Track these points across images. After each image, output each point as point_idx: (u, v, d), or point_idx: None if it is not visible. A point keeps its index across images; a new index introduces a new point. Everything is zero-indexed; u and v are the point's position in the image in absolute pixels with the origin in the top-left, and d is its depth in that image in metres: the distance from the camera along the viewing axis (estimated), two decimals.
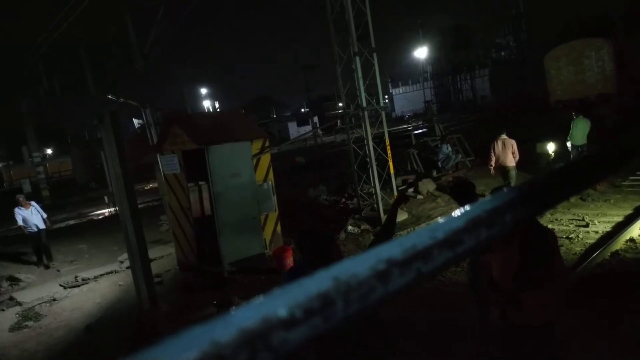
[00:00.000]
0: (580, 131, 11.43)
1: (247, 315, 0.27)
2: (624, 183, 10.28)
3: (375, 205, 10.44)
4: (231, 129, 8.76)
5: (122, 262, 10.08)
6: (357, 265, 0.31)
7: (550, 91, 17.71)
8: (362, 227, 9.98)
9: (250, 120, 11.01)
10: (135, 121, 30.16)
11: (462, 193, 4.44)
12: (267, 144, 8.88)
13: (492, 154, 10.11)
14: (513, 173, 9.98)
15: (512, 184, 7.66)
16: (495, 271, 3.05)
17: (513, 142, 10.04)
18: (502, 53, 35.13)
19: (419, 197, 11.70)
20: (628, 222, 7.65)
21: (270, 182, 8.85)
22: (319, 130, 29.26)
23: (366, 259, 0.32)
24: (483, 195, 8.01)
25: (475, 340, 4.43)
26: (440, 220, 0.35)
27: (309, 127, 33.71)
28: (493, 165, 10.17)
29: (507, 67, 30.99)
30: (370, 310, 0.32)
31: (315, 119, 35.64)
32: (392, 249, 0.33)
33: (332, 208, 12.27)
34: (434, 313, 5.61)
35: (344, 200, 12.58)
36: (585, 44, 16.94)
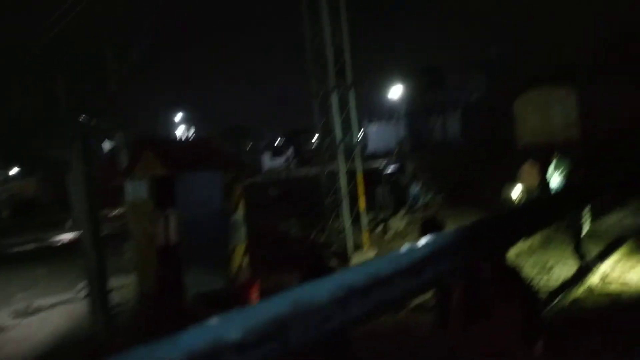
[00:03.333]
0: (560, 168, 11.67)
1: (197, 337, 0.25)
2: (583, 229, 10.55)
3: (345, 242, 10.43)
4: (204, 157, 8.69)
5: (80, 290, 9.66)
6: (317, 291, 0.31)
7: (518, 135, 18.34)
8: (331, 262, 9.92)
9: (223, 148, 10.97)
10: (107, 144, 29.63)
11: (430, 231, 4.48)
12: (239, 174, 8.84)
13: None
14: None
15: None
16: (493, 337, 2.74)
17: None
18: (474, 96, 36.41)
19: (388, 235, 11.76)
20: (587, 269, 7.82)
21: (240, 213, 8.75)
22: (292, 163, 29.35)
23: (326, 285, 0.31)
24: None
25: None
26: (404, 248, 0.34)
27: (283, 159, 33.79)
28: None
29: (478, 110, 32.06)
30: (329, 337, 0.31)
31: (291, 151, 35.77)
32: (354, 276, 0.32)
33: (303, 243, 12.18)
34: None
35: (315, 234, 12.51)
36: (552, 91, 17.74)
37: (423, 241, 0.34)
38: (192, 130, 49.35)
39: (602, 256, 8.38)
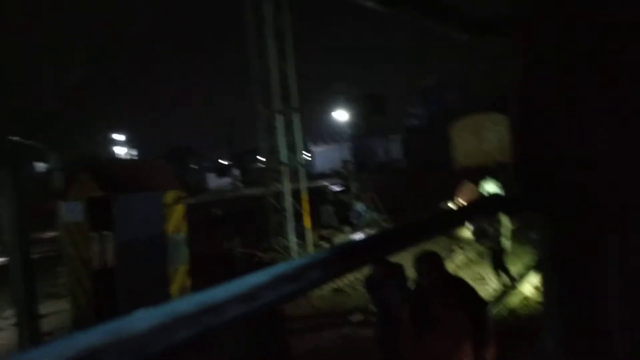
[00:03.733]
0: (491, 189, 12.43)
1: None
2: (516, 242, 11.14)
3: (290, 259, 10.39)
4: (144, 177, 8.45)
5: (7, 318, 8.99)
6: (140, 319, 0.34)
7: (454, 158, 19.17)
8: None
9: (165, 169, 10.72)
10: (40, 165, 28.03)
11: None
12: (181, 194, 8.64)
13: None
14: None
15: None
16: (441, 345, 2.80)
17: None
18: (414, 120, 37.80)
19: None
20: (521, 280, 8.24)
21: (182, 234, 8.54)
22: (237, 183, 29.01)
23: (154, 313, 0.35)
24: None
25: None
26: (245, 277, 0.39)
27: (228, 179, 33.30)
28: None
29: (418, 133, 33.24)
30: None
31: (237, 171, 35.38)
32: (183, 304, 0.36)
33: (247, 262, 12.01)
34: None
35: (259, 253, 12.39)
36: (487, 117, 18.75)
37: (262, 272, 0.38)
38: (134, 152, 47.77)
39: (535, 267, 8.85)
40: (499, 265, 8.00)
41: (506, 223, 7.76)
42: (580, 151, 0.59)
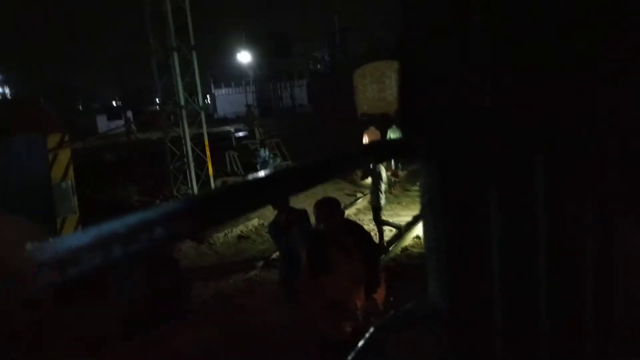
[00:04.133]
0: (394, 136, 13.13)
1: None
2: (413, 188, 11.89)
3: None
4: (20, 119, 7.54)
5: None
6: None
7: (357, 105, 19.55)
8: None
9: (46, 110, 9.65)
10: None
11: None
12: (66, 138, 7.88)
13: None
14: None
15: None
16: (335, 287, 2.91)
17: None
18: (319, 66, 37.63)
19: None
20: (415, 221, 8.85)
21: (70, 181, 7.86)
22: (132, 126, 27.21)
23: None
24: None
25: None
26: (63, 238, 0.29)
27: (121, 122, 31.06)
28: None
29: (323, 79, 33.26)
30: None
31: (130, 113, 33.02)
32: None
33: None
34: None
35: (158, 202, 11.89)
36: (387, 65, 19.14)
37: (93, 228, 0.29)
38: (6, 90, 42.43)
39: None
40: (377, 221, 8.03)
41: (384, 177, 8.00)
42: (471, 98, 0.54)
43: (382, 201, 8.08)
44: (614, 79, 0.51)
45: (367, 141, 13.35)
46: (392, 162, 12.26)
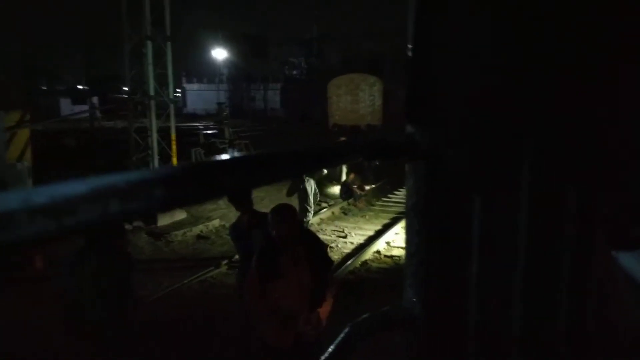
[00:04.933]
0: None
1: None
2: (377, 203, 12.01)
3: None
4: None
5: None
6: None
7: (330, 115, 19.67)
8: (135, 223, 9.31)
9: (6, 85, 9.23)
10: None
11: (237, 197, 4.51)
12: (27, 117, 7.57)
13: None
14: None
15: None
16: (282, 295, 2.92)
17: None
18: (294, 71, 37.69)
19: None
20: (377, 236, 8.93)
21: (26, 163, 7.53)
22: (97, 112, 26.40)
23: None
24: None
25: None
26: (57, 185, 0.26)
27: (85, 107, 30.08)
28: None
29: (297, 85, 33.30)
30: None
31: (95, 99, 32.01)
32: None
33: None
34: (198, 317, 5.53)
35: None
36: (362, 78, 19.37)
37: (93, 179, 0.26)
38: None
39: (390, 225, 9.65)
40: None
41: (311, 192, 7.93)
42: (475, 98, 0.54)
43: (310, 216, 8.04)
44: (609, 79, 0.52)
45: None
46: (357, 175, 12.35)
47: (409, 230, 0.59)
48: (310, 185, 7.84)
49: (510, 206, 0.53)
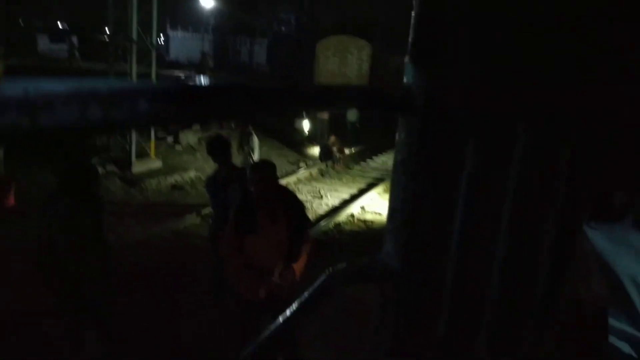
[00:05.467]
0: (353, 111, 13.89)
1: None
2: (355, 167, 12.06)
3: (127, 147, 9.69)
4: None
5: None
6: None
7: (316, 74, 19.39)
8: (108, 168, 9.16)
9: None
10: None
11: (216, 149, 4.45)
12: (1, 50, 7.23)
13: None
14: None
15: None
16: (257, 250, 2.95)
17: None
18: (283, 28, 36.74)
19: (178, 147, 11.38)
20: (352, 200, 9.01)
21: None
22: (76, 53, 25.43)
23: None
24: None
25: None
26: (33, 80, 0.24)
27: (64, 46, 28.86)
28: None
29: (285, 41, 32.54)
30: None
31: (75, 39, 30.71)
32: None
33: (75, 142, 10.86)
34: (172, 265, 5.55)
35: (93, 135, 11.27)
36: (352, 41, 19.05)
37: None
38: None
39: (366, 190, 9.73)
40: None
41: (256, 146, 7.89)
42: (480, 60, 0.53)
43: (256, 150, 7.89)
44: (609, 39, 0.51)
45: (325, 114, 13.84)
46: (338, 138, 12.33)
47: (395, 186, 0.59)
48: (255, 141, 7.80)
49: (501, 168, 0.53)
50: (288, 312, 0.47)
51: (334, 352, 3.57)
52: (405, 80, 0.54)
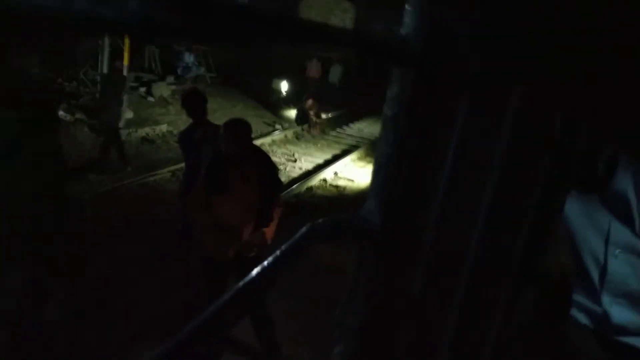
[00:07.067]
0: (335, 72, 15.46)
1: None
2: (331, 133, 12.02)
3: (97, 95, 9.36)
4: None
5: None
6: None
7: None
8: (77, 115, 8.85)
9: None
10: None
11: (192, 104, 4.34)
12: None
13: None
14: None
15: None
16: (227, 210, 2.89)
17: None
18: None
19: (150, 99, 11.05)
20: (325, 165, 9.02)
21: None
22: None
23: None
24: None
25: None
26: None
27: None
28: None
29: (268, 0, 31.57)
30: None
31: None
32: None
33: (44, 86, 10.40)
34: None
35: (60, 80, 10.81)
36: (336, 1, 18.62)
37: None
38: None
39: (340, 156, 9.74)
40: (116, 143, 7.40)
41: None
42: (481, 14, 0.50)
43: (122, 120, 7.40)
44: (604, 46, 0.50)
45: (310, 73, 14.13)
46: (315, 102, 12.20)
47: (383, 142, 0.56)
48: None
49: (493, 130, 0.51)
50: (265, 264, 0.45)
51: (303, 309, 3.62)
52: (402, 30, 0.52)
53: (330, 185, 8.04)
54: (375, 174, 0.57)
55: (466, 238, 0.55)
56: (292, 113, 12.79)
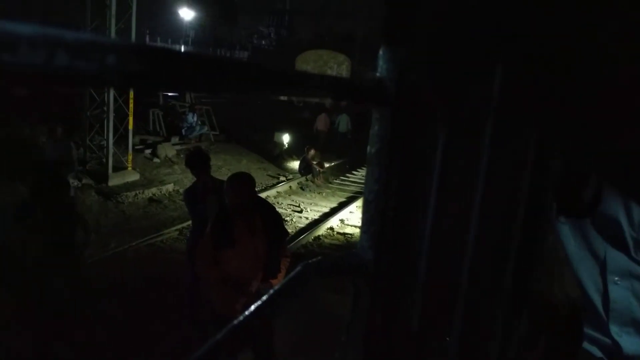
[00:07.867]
0: (343, 122, 16.16)
1: None
2: (335, 181, 12.09)
3: (103, 160, 9.54)
4: None
5: None
6: None
7: None
8: (84, 180, 8.99)
9: None
10: None
11: (195, 163, 4.43)
12: None
13: None
14: None
15: None
16: (235, 264, 2.89)
17: None
18: (263, 42, 36.91)
19: (156, 160, 11.25)
20: (331, 213, 9.01)
21: None
22: None
23: None
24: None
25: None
26: None
27: None
28: None
29: (265, 55, 32.68)
30: None
31: None
32: None
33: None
34: (149, 277, 5.45)
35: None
36: (331, 55, 19.28)
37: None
38: None
39: (346, 204, 9.75)
40: None
41: None
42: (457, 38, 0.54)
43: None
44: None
45: (319, 127, 15.52)
46: (317, 152, 12.37)
47: (369, 179, 0.59)
48: None
49: (472, 159, 0.54)
50: (260, 302, 0.46)
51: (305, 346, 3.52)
52: (378, 72, 0.55)
53: (338, 233, 8.01)
54: (365, 210, 0.59)
55: (457, 265, 0.56)
56: (295, 164, 12.94)
